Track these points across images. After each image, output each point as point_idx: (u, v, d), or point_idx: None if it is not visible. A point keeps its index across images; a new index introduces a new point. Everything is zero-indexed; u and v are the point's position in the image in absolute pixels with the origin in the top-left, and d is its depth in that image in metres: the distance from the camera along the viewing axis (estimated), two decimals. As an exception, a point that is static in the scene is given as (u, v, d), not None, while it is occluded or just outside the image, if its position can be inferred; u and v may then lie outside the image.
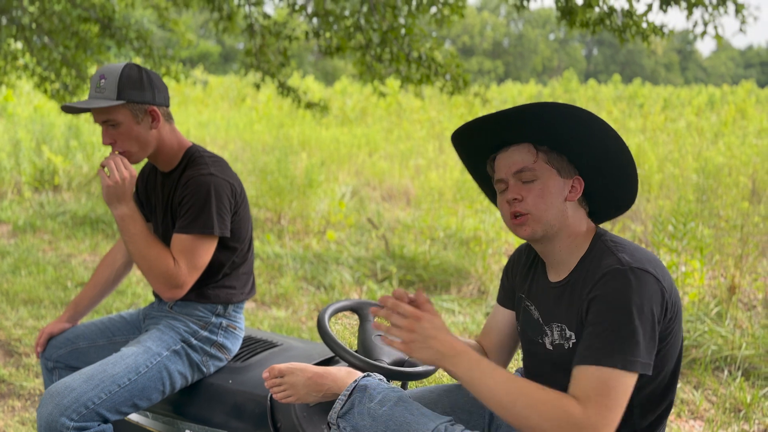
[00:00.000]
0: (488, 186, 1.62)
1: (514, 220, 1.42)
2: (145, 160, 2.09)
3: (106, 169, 1.84)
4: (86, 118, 8.35)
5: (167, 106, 1.98)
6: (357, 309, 1.85)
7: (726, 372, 3.40)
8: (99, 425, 1.72)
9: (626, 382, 1.24)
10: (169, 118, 1.99)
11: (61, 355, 2.07)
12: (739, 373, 3.35)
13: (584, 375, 1.25)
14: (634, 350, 1.24)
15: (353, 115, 13.45)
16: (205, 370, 1.98)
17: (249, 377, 1.90)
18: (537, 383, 1.26)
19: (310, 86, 19.13)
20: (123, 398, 1.78)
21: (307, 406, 1.71)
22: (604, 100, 20.17)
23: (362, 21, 4.40)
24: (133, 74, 1.89)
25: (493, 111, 1.53)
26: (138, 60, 6.54)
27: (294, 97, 5.16)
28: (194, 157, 1.97)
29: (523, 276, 1.59)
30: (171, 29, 7.27)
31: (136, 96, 1.88)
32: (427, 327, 1.27)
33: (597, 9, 3.24)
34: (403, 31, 4.18)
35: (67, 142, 9.11)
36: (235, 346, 2.04)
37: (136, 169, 3.50)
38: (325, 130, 11.98)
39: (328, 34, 4.24)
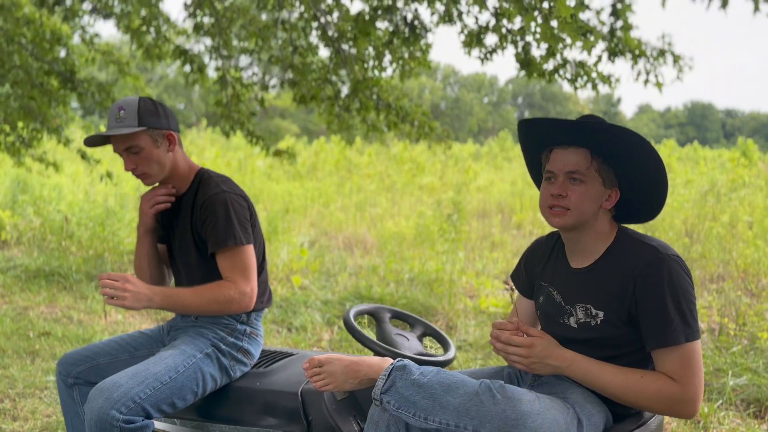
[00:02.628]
0: (535, 171, 1.81)
1: (551, 210, 1.62)
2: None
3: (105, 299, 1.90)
4: (39, 170, 8.26)
5: (178, 132, 2.16)
6: (374, 313, 2.02)
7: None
8: (143, 420, 1.80)
9: (698, 350, 1.51)
10: (180, 144, 2.17)
11: (81, 371, 2.12)
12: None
13: (667, 357, 1.51)
14: (694, 322, 1.51)
15: (303, 170, 13.69)
16: (232, 374, 2.08)
17: (275, 379, 2.02)
18: (636, 372, 1.50)
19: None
20: (164, 395, 1.87)
21: (336, 399, 1.84)
22: (539, 157, 21.21)
23: (331, 75, 4.69)
24: (149, 104, 2.08)
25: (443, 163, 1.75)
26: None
27: (263, 144, 5.35)
28: (204, 179, 2.14)
29: (542, 266, 1.80)
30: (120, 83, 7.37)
31: (155, 122, 2.06)
32: (539, 350, 1.48)
33: (552, 61, 3.62)
34: (370, 84, 4.48)
35: (13, 197, 8.94)
36: (257, 352, 2.16)
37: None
38: (276, 184, 12.15)
39: (302, 85, 4.50)
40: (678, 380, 1.49)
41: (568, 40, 3.02)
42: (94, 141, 2.11)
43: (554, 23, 2.34)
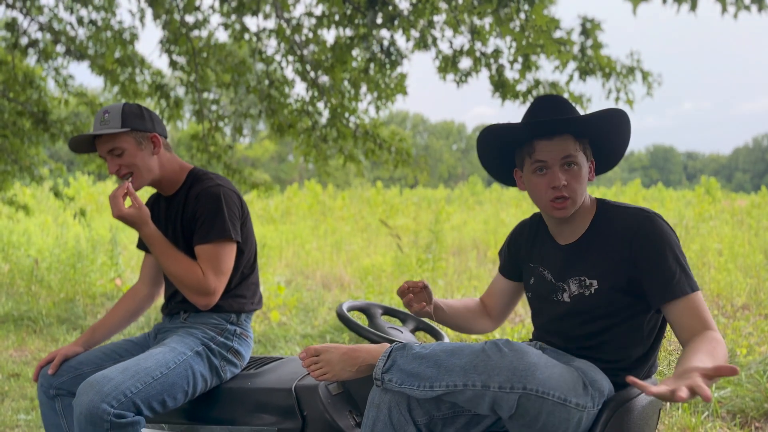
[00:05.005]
0: (502, 169, 1.77)
1: (555, 203, 1.61)
2: (149, 191, 2.22)
3: (127, 199, 1.95)
4: (9, 213, 8.11)
5: (166, 137, 2.16)
6: (366, 309, 2.01)
7: (668, 403, 3.68)
8: (134, 416, 1.73)
9: (702, 299, 1.53)
10: (168, 147, 2.16)
11: (64, 381, 2.05)
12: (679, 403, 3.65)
13: (680, 310, 1.51)
14: (691, 274, 1.54)
15: (277, 214, 13.65)
16: (222, 375, 2.03)
17: (267, 378, 1.97)
18: None
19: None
20: (155, 391, 1.81)
21: (331, 394, 1.80)
22: (509, 199, 21.59)
23: (308, 107, 4.74)
24: (134, 108, 2.08)
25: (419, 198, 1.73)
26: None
27: (240, 178, 5.34)
28: (198, 175, 2.13)
29: (528, 247, 1.81)
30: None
31: (139, 125, 2.05)
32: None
33: (524, 82, 3.72)
34: (347, 113, 4.54)
35: (-21, 244, 8.73)
36: (247, 354, 2.11)
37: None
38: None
39: (280, 114, 4.54)
40: (708, 327, 1.49)
41: (543, 56, 3.12)
42: (79, 145, 2.09)
43: (530, 36, 2.42)
